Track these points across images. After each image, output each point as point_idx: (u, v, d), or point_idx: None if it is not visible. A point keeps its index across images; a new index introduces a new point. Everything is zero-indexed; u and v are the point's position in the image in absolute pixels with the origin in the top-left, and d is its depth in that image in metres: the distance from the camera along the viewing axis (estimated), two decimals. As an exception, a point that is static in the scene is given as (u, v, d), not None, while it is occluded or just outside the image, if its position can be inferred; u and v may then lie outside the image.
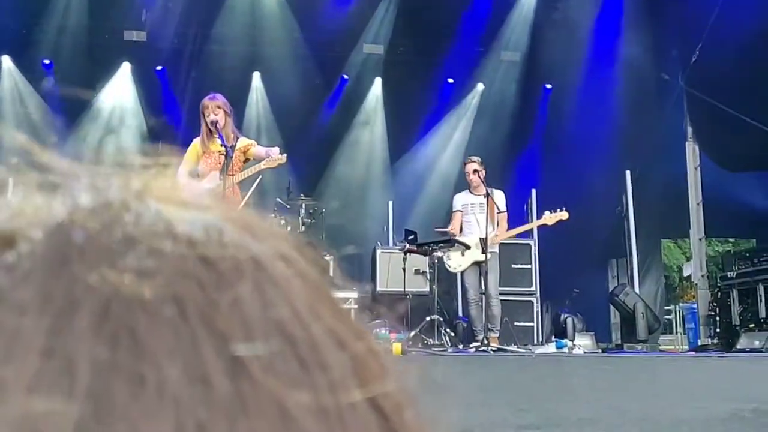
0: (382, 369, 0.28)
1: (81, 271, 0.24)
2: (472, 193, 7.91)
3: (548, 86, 11.61)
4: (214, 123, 5.69)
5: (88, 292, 0.24)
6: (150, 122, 11.11)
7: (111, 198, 0.27)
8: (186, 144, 7.43)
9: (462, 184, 8.09)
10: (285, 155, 5.53)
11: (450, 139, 11.67)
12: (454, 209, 8.02)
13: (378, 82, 11.82)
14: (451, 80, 11.66)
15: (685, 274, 11.67)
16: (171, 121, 11.16)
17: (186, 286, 0.25)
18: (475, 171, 7.76)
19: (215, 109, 5.76)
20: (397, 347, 5.18)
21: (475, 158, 7.91)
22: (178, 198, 0.29)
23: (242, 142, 5.80)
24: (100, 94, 10.99)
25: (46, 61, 10.55)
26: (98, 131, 11.11)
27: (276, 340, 0.25)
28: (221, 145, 5.62)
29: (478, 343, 7.18)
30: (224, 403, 0.23)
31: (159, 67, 11.12)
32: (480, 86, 11.66)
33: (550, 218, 7.82)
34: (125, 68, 11.14)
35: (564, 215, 7.75)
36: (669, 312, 15.28)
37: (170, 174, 0.32)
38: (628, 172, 10.23)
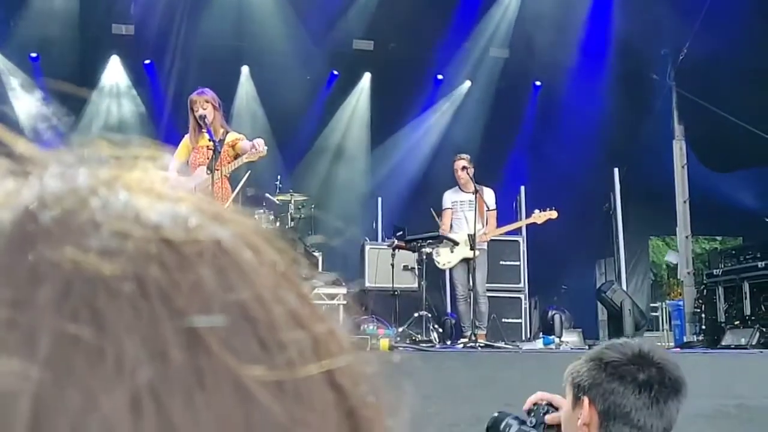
0: (342, 348, 0.28)
1: (45, 249, 0.25)
2: (461, 190, 7.93)
3: (537, 83, 11.64)
4: (203, 118, 5.67)
5: (51, 268, 0.25)
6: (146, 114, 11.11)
7: (79, 184, 0.28)
8: (174, 137, 7.43)
9: (451, 180, 8.11)
10: (266, 148, 5.50)
11: (439, 136, 11.68)
12: (443, 207, 8.04)
13: (367, 77, 11.81)
14: (440, 76, 11.66)
15: (668, 259, 11.73)
16: (159, 114, 11.13)
17: (148, 266, 0.26)
18: (464, 168, 7.77)
19: (203, 103, 5.75)
20: (384, 343, 5.19)
21: (463, 156, 7.92)
22: (150, 189, 0.29)
23: (231, 136, 5.78)
24: (94, 88, 10.97)
25: (33, 55, 10.47)
26: (95, 128, 11.07)
27: (235, 319, 0.26)
28: (209, 140, 5.61)
29: (466, 340, 7.21)
30: (181, 377, 0.24)
31: (147, 61, 11.08)
32: (467, 83, 11.67)
33: (539, 217, 7.85)
34: (114, 61, 11.09)
35: (553, 214, 7.78)
36: (655, 309, 15.37)
37: (152, 167, 0.32)
38: (616, 170, 10.28)
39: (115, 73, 11.19)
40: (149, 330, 0.25)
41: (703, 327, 9.58)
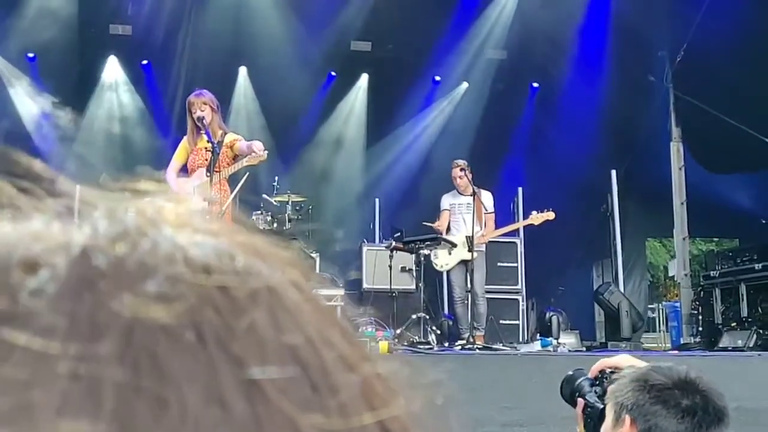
0: (391, 392, 0.29)
1: (104, 297, 0.25)
2: (459, 193, 7.95)
3: (535, 85, 11.65)
4: (201, 119, 5.67)
5: (111, 317, 0.25)
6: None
7: (128, 225, 0.28)
8: (172, 138, 7.41)
9: (449, 181, 8.12)
10: (266, 152, 5.47)
11: (436, 137, 11.69)
12: (441, 209, 8.06)
13: (364, 78, 11.82)
14: (438, 78, 11.67)
15: (671, 273, 11.77)
16: (157, 115, 11.12)
17: (203, 311, 0.26)
18: (461, 172, 7.80)
19: (201, 105, 5.75)
20: (383, 345, 5.20)
21: (460, 162, 7.95)
22: (188, 223, 0.29)
23: (229, 137, 5.77)
24: (95, 88, 11.01)
25: (30, 55, 10.46)
26: (101, 132, 11.12)
27: (289, 364, 0.26)
28: (208, 142, 5.61)
29: (464, 341, 7.21)
30: (242, 425, 0.24)
31: (144, 62, 11.07)
32: (465, 84, 11.68)
33: (536, 218, 7.87)
34: (113, 62, 11.08)
35: (551, 215, 7.80)
36: (653, 310, 15.40)
37: (180, 199, 0.32)
38: (613, 172, 10.30)
39: (114, 73, 11.18)
40: (209, 378, 0.25)
41: (700, 329, 9.61)
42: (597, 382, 1.73)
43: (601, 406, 1.66)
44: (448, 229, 7.96)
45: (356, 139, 11.94)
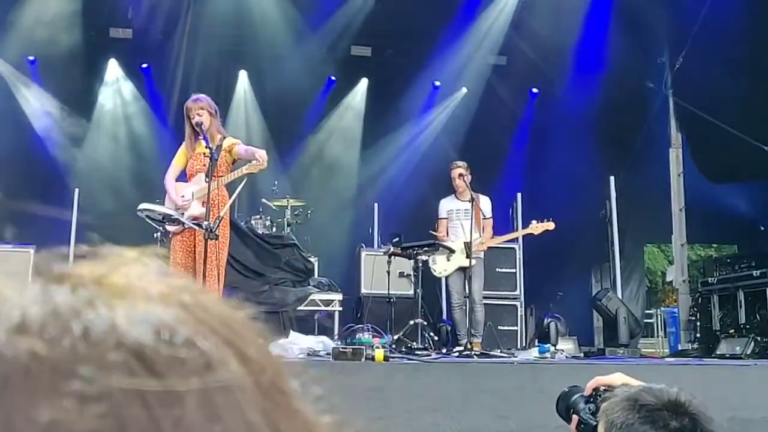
0: None
1: (22, 400, 0.24)
2: (457, 198, 7.94)
3: (534, 90, 11.65)
4: (199, 125, 5.67)
5: (28, 424, 0.23)
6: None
7: (60, 306, 0.27)
8: (171, 142, 7.39)
9: (448, 187, 8.11)
10: (266, 162, 5.42)
11: (435, 142, 11.68)
12: (439, 216, 8.05)
13: (364, 82, 11.82)
14: (437, 83, 11.67)
15: (668, 279, 11.76)
16: (157, 119, 11.13)
17: (130, 409, 0.25)
18: (461, 176, 7.78)
19: (199, 110, 5.74)
20: (380, 354, 5.19)
21: (460, 163, 7.92)
22: (132, 290, 0.28)
23: (227, 141, 5.76)
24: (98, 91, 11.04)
25: (31, 58, 10.46)
26: (106, 135, 11.15)
27: None
28: (206, 147, 5.61)
29: (462, 348, 7.21)
30: None
31: (144, 65, 11.07)
32: (464, 90, 11.68)
33: (536, 228, 7.85)
34: (113, 65, 11.09)
35: (551, 225, 7.78)
36: (650, 316, 15.39)
37: (139, 261, 0.32)
38: (612, 178, 10.29)
39: (115, 76, 11.20)
40: None
41: (698, 335, 9.60)
42: (591, 400, 1.77)
43: (594, 423, 1.68)
44: (447, 235, 7.96)
45: (355, 144, 11.94)
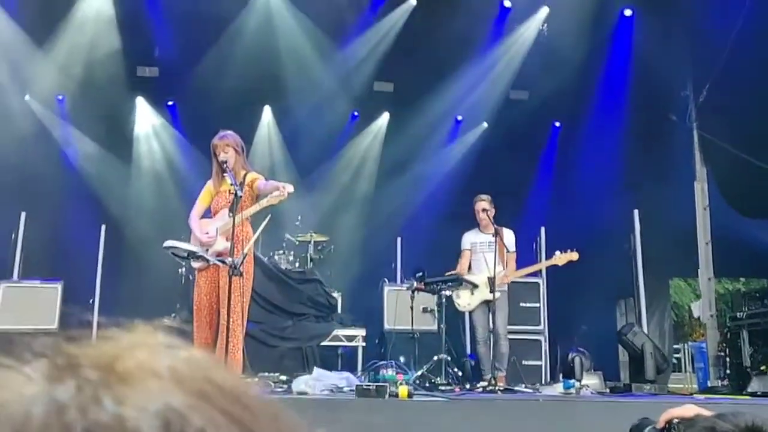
0: None
1: None
2: (481, 231, 7.93)
3: (557, 124, 11.66)
4: (224, 163, 5.74)
5: None
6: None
7: (65, 406, 0.26)
8: (198, 178, 7.46)
9: (471, 221, 8.11)
10: (287, 193, 5.41)
11: (458, 176, 11.70)
12: (462, 248, 8.03)
13: (385, 117, 11.92)
14: (460, 117, 11.73)
15: (695, 314, 11.59)
16: (182, 155, 11.27)
17: None
18: (485, 210, 7.78)
19: (225, 147, 5.81)
20: (404, 391, 5.15)
21: (484, 197, 7.93)
22: (145, 374, 0.28)
23: (249, 176, 5.80)
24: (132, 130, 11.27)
25: (60, 97, 10.68)
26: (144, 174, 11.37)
27: None
28: (231, 185, 5.65)
29: (486, 383, 7.14)
30: None
31: (170, 102, 11.25)
32: (484, 124, 11.72)
33: (560, 258, 7.80)
34: (141, 102, 11.31)
35: (574, 256, 7.73)
36: (678, 350, 15.13)
37: (155, 340, 0.32)
38: (636, 211, 10.22)
39: (145, 114, 11.44)
40: None
41: (728, 371, 9.40)
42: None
43: None
44: (470, 268, 7.93)
45: (377, 178, 11.99)
